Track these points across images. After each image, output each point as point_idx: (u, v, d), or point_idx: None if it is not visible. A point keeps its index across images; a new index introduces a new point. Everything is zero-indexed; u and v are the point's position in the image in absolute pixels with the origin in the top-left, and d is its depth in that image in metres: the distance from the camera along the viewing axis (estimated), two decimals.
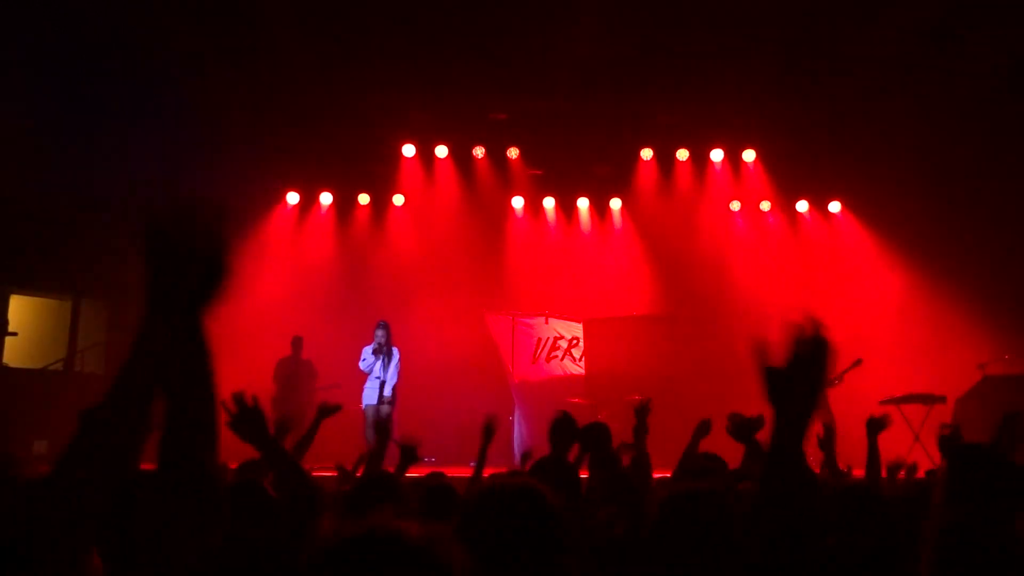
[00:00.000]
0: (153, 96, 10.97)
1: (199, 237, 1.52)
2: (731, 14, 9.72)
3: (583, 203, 12.97)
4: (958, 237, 11.31)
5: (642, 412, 4.70)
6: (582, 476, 4.41)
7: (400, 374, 10.41)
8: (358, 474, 5.02)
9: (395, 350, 10.28)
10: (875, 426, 4.55)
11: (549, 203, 12.94)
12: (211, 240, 1.53)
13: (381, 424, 5.11)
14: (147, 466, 1.52)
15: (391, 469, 4.24)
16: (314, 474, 4.86)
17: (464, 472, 7.95)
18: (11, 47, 9.57)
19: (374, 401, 10.06)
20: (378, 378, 10.16)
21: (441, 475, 4.58)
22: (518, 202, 12.84)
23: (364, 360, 10.19)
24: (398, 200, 12.78)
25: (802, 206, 12.76)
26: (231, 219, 1.54)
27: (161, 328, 1.51)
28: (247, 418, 2.77)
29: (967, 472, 2.52)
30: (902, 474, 4.79)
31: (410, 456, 4.37)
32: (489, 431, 4.75)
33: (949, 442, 3.89)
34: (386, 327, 10.24)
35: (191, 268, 1.51)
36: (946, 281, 11.23)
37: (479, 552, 1.60)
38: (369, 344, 10.25)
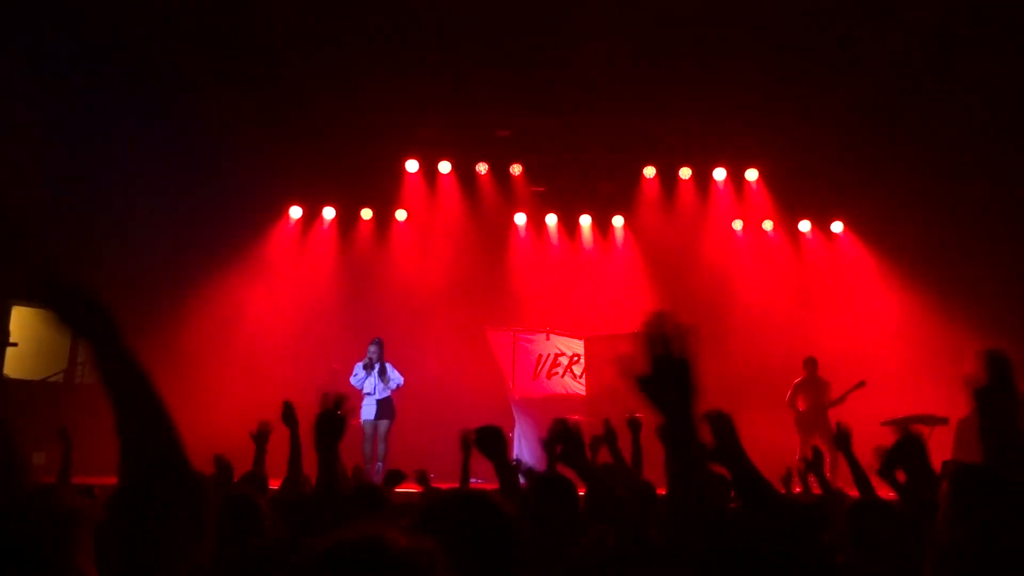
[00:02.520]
0: (157, 108, 11.03)
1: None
2: (735, 34, 9.78)
3: (586, 220, 12.98)
4: (960, 257, 11.29)
5: (634, 425, 4.69)
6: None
7: (404, 389, 10.44)
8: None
9: (388, 366, 10.31)
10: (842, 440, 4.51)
11: (552, 220, 12.96)
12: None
13: (392, 474, 5.19)
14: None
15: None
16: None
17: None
18: (16, 56, 9.63)
19: (371, 416, 10.09)
20: (369, 394, 10.18)
21: (438, 491, 4.59)
22: (521, 218, 12.86)
23: (355, 375, 10.25)
24: (401, 215, 12.80)
25: (804, 226, 12.77)
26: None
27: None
28: (329, 421, 2.95)
29: (969, 493, 2.50)
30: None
31: (396, 478, 4.53)
32: (467, 444, 4.76)
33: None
34: (379, 343, 10.29)
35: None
36: (949, 302, 11.20)
37: None
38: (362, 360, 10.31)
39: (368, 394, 10.20)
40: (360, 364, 10.29)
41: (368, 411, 10.17)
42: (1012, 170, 10.95)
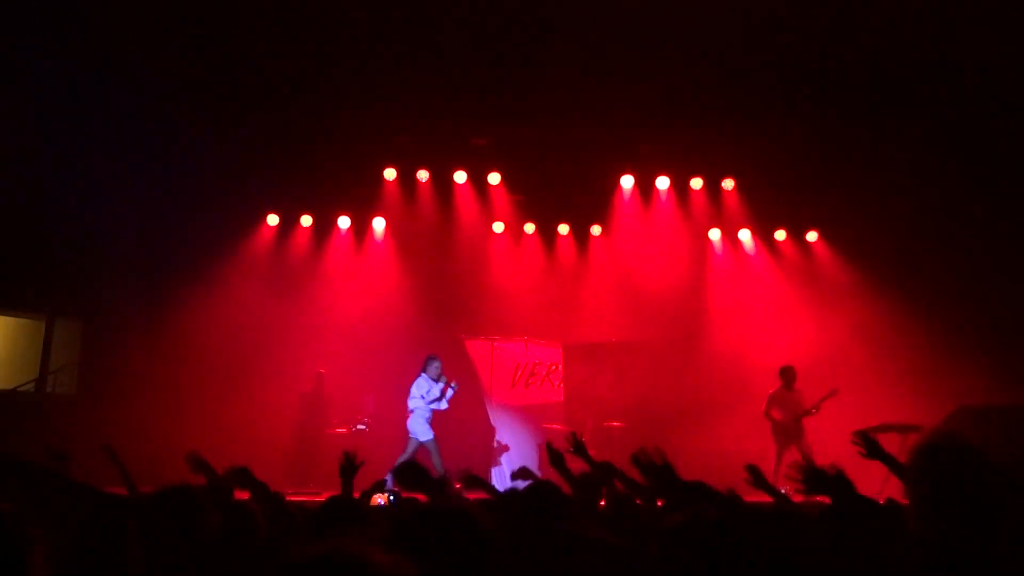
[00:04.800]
0: (134, 116, 10.93)
1: None
2: (712, 47, 9.88)
3: (563, 229, 13.01)
4: (933, 268, 11.44)
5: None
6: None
7: (382, 398, 10.42)
8: (374, 502, 5.09)
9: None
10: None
11: (530, 228, 12.98)
12: None
13: (375, 484, 4.96)
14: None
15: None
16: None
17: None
18: None
19: (431, 435, 10.22)
20: (436, 409, 10.31)
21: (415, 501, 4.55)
22: (499, 227, 12.86)
23: (429, 390, 10.29)
24: (379, 223, 12.75)
25: (780, 235, 12.87)
26: None
27: None
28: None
29: (945, 477, 2.46)
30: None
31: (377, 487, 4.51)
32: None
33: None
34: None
35: None
36: (922, 312, 11.34)
37: None
38: (410, 378, 10.50)
39: (437, 409, 10.31)
40: (425, 378, 10.35)
41: (429, 429, 10.22)
42: (982, 182, 11.12)
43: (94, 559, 2.22)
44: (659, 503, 4.24)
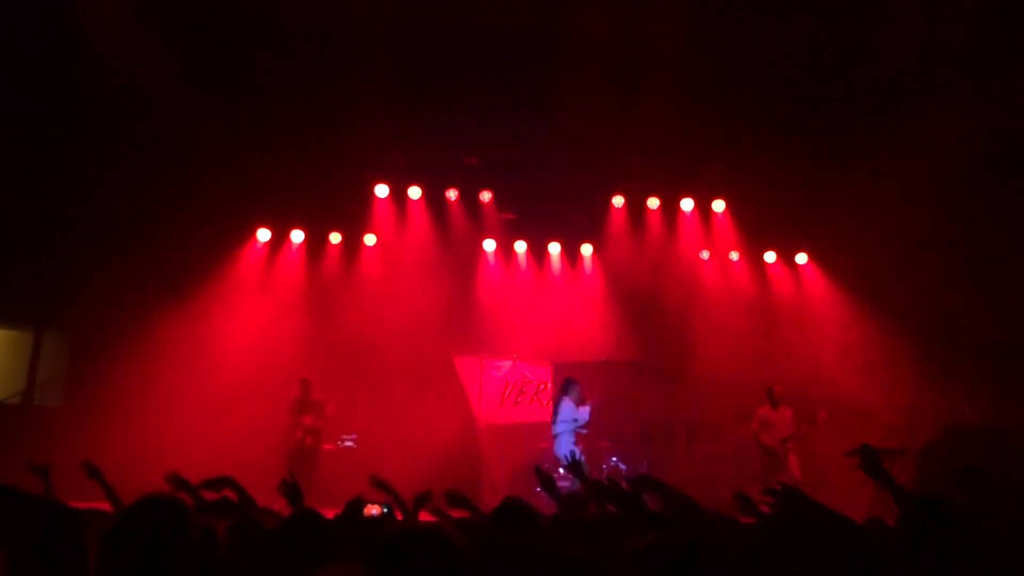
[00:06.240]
0: (124, 129, 10.92)
1: None
2: (703, 69, 9.97)
3: (554, 248, 13.05)
4: (922, 291, 11.50)
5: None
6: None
7: (370, 414, 10.36)
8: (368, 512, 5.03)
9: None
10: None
11: (521, 247, 13.01)
12: None
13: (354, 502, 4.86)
14: None
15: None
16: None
17: (426, 517, 7.83)
18: None
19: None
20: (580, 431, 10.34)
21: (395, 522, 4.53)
22: (490, 245, 12.89)
23: (571, 411, 10.31)
24: (370, 240, 12.76)
25: (770, 257, 12.94)
26: None
27: None
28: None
29: (926, 528, 2.55)
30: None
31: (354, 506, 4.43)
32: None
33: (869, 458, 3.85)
34: None
35: None
36: (911, 334, 11.39)
37: None
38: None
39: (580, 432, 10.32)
40: (568, 402, 10.34)
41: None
42: (971, 203, 11.20)
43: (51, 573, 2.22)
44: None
